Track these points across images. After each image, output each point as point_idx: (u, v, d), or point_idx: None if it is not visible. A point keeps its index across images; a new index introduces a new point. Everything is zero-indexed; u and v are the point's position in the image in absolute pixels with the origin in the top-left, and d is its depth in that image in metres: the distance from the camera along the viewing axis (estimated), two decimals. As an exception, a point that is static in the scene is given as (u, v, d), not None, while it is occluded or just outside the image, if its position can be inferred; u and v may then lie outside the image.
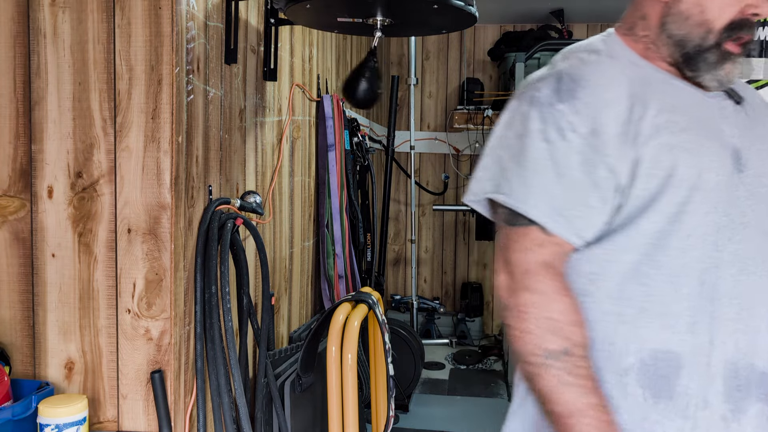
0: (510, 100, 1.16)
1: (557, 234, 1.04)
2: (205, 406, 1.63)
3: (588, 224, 1.05)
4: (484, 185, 1.13)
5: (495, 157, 1.13)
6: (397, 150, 4.84)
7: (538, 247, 1.05)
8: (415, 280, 4.77)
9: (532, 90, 1.10)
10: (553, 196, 1.04)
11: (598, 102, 1.04)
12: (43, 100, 1.51)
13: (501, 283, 1.09)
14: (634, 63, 1.12)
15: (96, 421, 1.55)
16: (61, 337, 1.55)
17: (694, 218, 1.03)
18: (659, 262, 1.03)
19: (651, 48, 1.13)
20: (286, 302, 2.52)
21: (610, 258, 1.05)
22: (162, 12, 1.47)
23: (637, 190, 1.03)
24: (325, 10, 1.81)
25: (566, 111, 1.04)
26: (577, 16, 4.72)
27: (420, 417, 3.47)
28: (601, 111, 1.03)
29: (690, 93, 1.10)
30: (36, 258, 1.54)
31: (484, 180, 1.13)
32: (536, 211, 1.04)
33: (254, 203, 1.90)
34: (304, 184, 2.72)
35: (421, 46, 5.16)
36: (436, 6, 1.69)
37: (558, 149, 1.04)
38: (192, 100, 1.59)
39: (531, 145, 1.06)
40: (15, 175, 1.53)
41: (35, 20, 1.50)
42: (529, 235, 1.05)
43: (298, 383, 2.08)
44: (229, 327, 1.65)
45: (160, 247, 1.51)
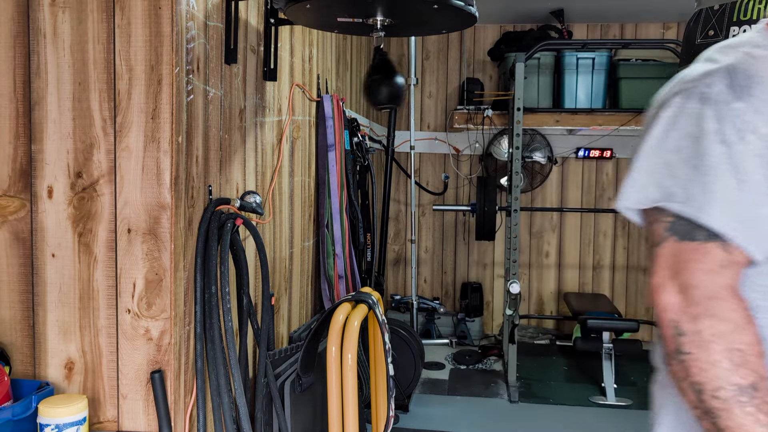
0: (666, 95, 1.04)
1: (741, 247, 0.93)
2: (205, 406, 1.63)
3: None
4: (647, 192, 1.01)
5: (659, 161, 1.00)
6: (397, 150, 4.84)
7: (722, 268, 0.93)
8: (415, 280, 4.77)
9: (701, 86, 0.98)
10: (736, 205, 0.93)
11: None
12: (43, 100, 1.51)
13: (673, 305, 0.96)
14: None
15: (96, 421, 1.55)
16: (61, 337, 1.55)
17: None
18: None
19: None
20: (286, 302, 2.52)
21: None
22: (162, 12, 1.47)
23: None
24: (325, 10, 1.81)
25: (744, 109, 0.94)
26: (577, 16, 4.72)
27: (420, 417, 3.47)
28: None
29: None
30: (36, 258, 1.54)
31: (647, 186, 1.01)
32: (720, 223, 0.93)
33: (254, 203, 1.90)
34: (304, 184, 2.72)
35: (421, 46, 5.16)
36: (436, 6, 1.69)
37: (737, 152, 0.93)
38: (192, 100, 1.59)
39: (709, 148, 0.95)
40: (15, 175, 1.53)
41: (35, 20, 1.50)
42: (711, 253, 0.94)
43: (298, 383, 2.08)
44: (229, 327, 1.65)
45: (160, 247, 1.51)
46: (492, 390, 3.98)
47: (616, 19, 4.85)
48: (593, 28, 4.97)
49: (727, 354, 0.90)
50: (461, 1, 1.69)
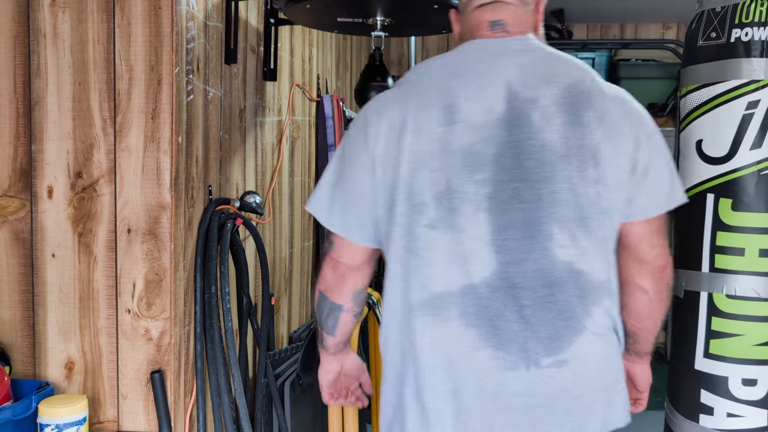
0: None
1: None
2: (205, 406, 1.63)
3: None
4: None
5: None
6: (397, 150, 4.84)
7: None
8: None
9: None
10: None
11: None
12: (43, 100, 1.51)
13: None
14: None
15: (96, 421, 1.55)
16: (61, 337, 1.55)
17: None
18: None
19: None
20: (286, 302, 2.52)
21: None
22: (162, 12, 1.47)
23: None
24: (325, 10, 1.81)
25: None
26: (577, 16, 4.72)
27: (420, 417, 3.47)
28: None
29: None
30: (36, 258, 1.54)
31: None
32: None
33: (254, 203, 1.90)
34: (304, 184, 2.72)
35: (421, 46, 5.16)
36: (436, 6, 1.69)
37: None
38: (192, 100, 1.59)
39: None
40: (15, 175, 1.53)
41: (35, 20, 1.50)
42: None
43: (298, 383, 2.08)
44: (229, 327, 1.65)
45: (160, 247, 1.51)
46: (492, 390, 3.97)
47: (616, 19, 4.84)
48: (593, 28, 4.97)
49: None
50: (461, 1, 1.69)
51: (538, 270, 1.15)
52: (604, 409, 1.20)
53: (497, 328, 1.14)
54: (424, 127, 1.17)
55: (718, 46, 1.65)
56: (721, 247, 1.65)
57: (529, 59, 1.21)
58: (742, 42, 1.60)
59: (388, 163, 1.19)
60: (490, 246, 1.15)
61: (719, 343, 1.66)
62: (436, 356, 1.17)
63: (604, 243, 1.19)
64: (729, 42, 1.62)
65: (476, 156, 1.15)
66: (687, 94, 1.77)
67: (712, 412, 1.68)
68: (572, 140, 1.15)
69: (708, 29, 1.67)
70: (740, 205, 1.62)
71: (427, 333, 1.18)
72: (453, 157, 1.16)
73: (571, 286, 1.16)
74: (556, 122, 1.16)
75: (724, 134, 1.65)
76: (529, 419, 1.16)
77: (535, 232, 1.15)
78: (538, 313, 1.15)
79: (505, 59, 1.20)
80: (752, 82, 1.61)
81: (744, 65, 1.61)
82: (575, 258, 1.16)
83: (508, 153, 1.15)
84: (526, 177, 1.15)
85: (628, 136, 1.18)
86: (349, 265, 1.31)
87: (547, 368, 1.14)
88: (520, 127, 1.15)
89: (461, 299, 1.16)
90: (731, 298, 1.64)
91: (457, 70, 1.21)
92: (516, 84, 1.17)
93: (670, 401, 1.83)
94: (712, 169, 1.67)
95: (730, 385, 1.65)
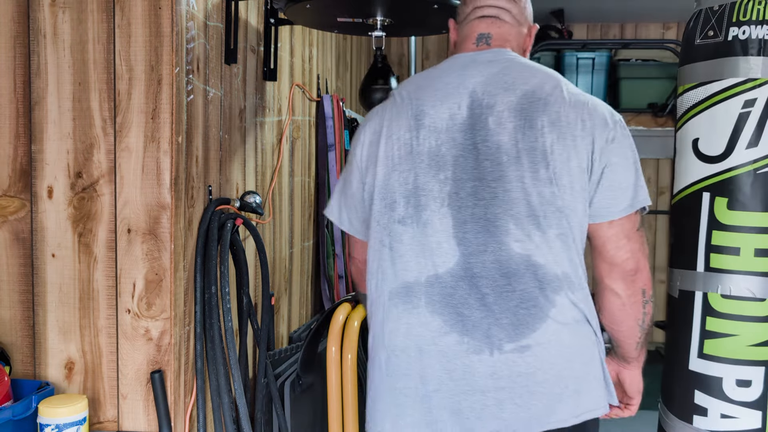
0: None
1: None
2: (205, 406, 1.63)
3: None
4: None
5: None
6: (397, 150, 4.84)
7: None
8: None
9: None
10: None
11: None
12: (43, 100, 1.51)
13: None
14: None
15: (96, 421, 1.55)
16: (61, 337, 1.55)
17: None
18: None
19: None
20: (286, 302, 2.52)
21: None
22: (162, 12, 1.47)
23: None
24: (325, 10, 1.81)
25: None
26: (577, 16, 4.72)
27: (420, 417, 3.47)
28: None
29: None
30: (36, 258, 1.54)
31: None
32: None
33: (254, 203, 1.90)
34: (304, 184, 2.72)
35: (421, 46, 5.15)
36: (436, 6, 1.69)
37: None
38: (192, 100, 1.59)
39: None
40: (15, 175, 1.53)
41: (35, 20, 1.50)
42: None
43: (298, 383, 2.08)
44: (229, 327, 1.65)
45: (160, 247, 1.51)
46: (492, 390, 3.97)
47: (616, 19, 4.84)
48: (593, 28, 4.97)
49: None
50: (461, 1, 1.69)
51: (496, 261, 1.24)
52: (574, 397, 1.25)
53: (461, 315, 1.23)
54: (395, 134, 1.31)
55: (716, 45, 1.64)
56: (717, 247, 1.64)
57: (497, 69, 1.31)
58: (740, 40, 1.60)
59: (370, 167, 1.34)
60: (452, 239, 1.25)
61: (714, 343, 1.65)
62: (408, 341, 1.27)
63: (563, 239, 1.25)
64: (726, 40, 1.62)
65: (440, 157, 1.27)
66: (684, 92, 1.77)
67: (706, 413, 1.67)
68: (522, 143, 1.24)
69: (705, 28, 1.67)
70: (736, 204, 1.61)
71: (402, 319, 1.28)
72: (419, 159, 1.28)
73: (530, 277, 1.23)
74: (508, 126, 1.25)
75: (720, 133, 1.64)
76: (496, 401, 1.22)
77: (492, 227, 1.24)
78: (500, 301, 1.23)
79: (474, 70, 1.32)
80: (749, 81, 1.60)
81: (741, 63, 1.60)
82: (532, 251, 1.24)
83: (468, 154, 1.26)
84: (482, 176, 1.25)
85: (584, 140, 1.24)
86: (361, 259, 1.47)
87: (510, 353, 1.22)
88: (478, 131, 1.26)
89: (428, 288, 1.26)
90: (726, 297, 1.63)
91: (429, 83, 1.34)
92: (479, 92, 1.28)
93: (664, 402, 1.82)
94: (708, 168, 1.67)
95: (724, 386, 1.64)
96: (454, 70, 1.33)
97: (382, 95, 2.14)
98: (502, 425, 1.22)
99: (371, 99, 2.15)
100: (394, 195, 1.29)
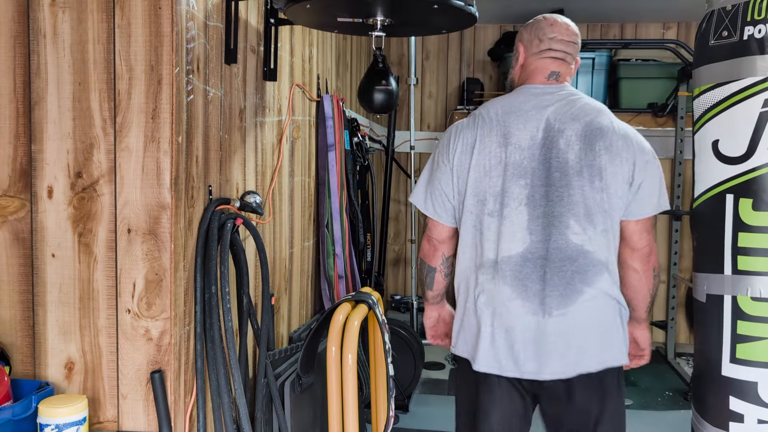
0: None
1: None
2: (205, 406, 1.63)
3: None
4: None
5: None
6: (397, 150, 4.84)
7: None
8: (415, 280, 4.77)
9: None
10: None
11: None
12: (43, 100, 1.51)
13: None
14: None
15: (96, 421, 1.55)
16: (61, 337, 1.55)
17: None
18: None
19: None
20: (286, 302, 2.52)
21: None
22: (162, 12, 1.47)
23: None
24: (325, 10, 1.81)
25: None
26: (577, 16, 4.72)
27: (420, 417, 3.47)
28: None
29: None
30: (36, 258, 1.54)
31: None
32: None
33: (254, 203, 1.90)
34: (304, 184, 2.72)
35: (421, 46, 5.16)
36: (436, 6, 1.69)
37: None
38: (192, 100, 1.59)
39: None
40: (15, 175, 1.53)
41: (35, 20, 1.50)
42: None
43: (298, 383, 2.08)
44: (229, 327, 1.65)
45: (160, 247, 1.51)
46: (492, 390, 3.97)
47: (616, 19, 4.84)
48: (593, 28, 4.97)
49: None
50: (461, 1, 1.69)
51: (557, 248, 1.66)
52: (600, 351, 1.70)
53: (525, 286, 1.67)
54: (487, 148, 1.71)
55: (731, 45, 1.62)
56: (744, 248, 1.60)
57: (565, 102, 1.73)
58: (756, 39, 1.58)
59: (462, 170, 1.74)
60: (525, 230, 1.67)
61: (746, 347, 1.61)
62: (488, 302, 1.72)
63: (605, 234, 1.68)
64: (742, 40, 1.60)
65: (522, 168, 1.68)
66: (700, 94, 1.74)
67: (742, 419, 1.62)
68: (584, 160, 1.66)
69: (719, 28, 1.65)
70: (761, 205, 1.58)
71: (486, 286, 1.72)
72: (507, 169, 1.69)
73: (581, 261, 1.66)
74: (574, 147, 1.67)
75: (741, 133, 1.61)
76: (544, 351, 1.68)
77: (557, 222, 1.66)
78: (554, 278, 1.66)
79: (546, 101, 1.73)
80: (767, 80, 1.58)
81: (758, 62, 1.57)
82: (585, 242, 1.66)
83: (542, 167, 1.67)
84: (552, 183, 1.66)
85: (627, 161, 1.67)
86: (438, 239, 1.85)
87: (555, 317, 1.66)
88: (551, 149, 1.67)
89: (503, 265, 1.68)
90: (756, 300, 1.59)
91: (512, 109, 1.74)
92: (552, 119, 1.70)
93: (697, 410, 1.76)
94: (730, 169, 1.64)
95: (759, 391, 1.60)
96: (530, 100, 1.74)
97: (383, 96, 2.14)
98: (547, 369, 1.68)
99: (371, 99, 2.15)
100: (485, 194, 1.70)
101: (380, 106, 2.16)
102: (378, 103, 2.14)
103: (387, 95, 2.14)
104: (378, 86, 2.12)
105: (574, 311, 1.65)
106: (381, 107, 2.16)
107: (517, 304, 1.68)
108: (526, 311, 1.67)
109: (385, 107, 2.16)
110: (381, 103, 2.15)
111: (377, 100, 2.14)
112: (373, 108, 2.17)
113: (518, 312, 1.68)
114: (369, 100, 2.15)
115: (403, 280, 5.27)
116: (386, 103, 2.15)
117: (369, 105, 2.17)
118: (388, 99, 2.15)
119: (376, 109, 2.17)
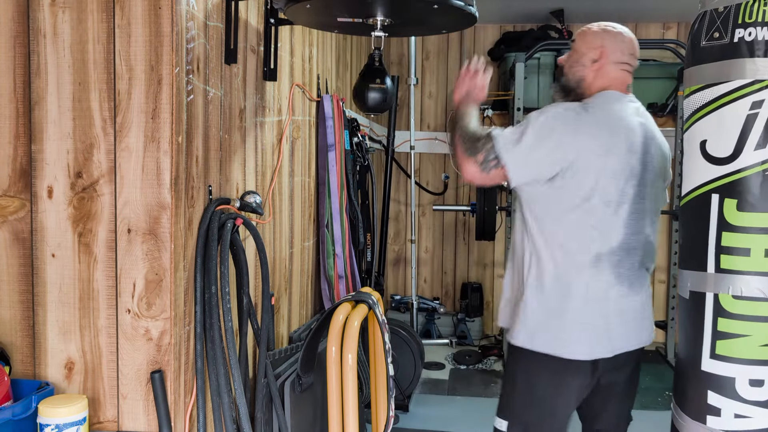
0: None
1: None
2: (205, 406, 1.63)
3: None
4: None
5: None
6: (397, 150, 4.84)
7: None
8: (415, 280, 4.78)
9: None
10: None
11: None
12: (43, 100, 1.51)
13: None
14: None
15: (96, 421, 1.55)
16: (61, 337, 1.55)
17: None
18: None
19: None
20: (286, 302, 2.52)
21: None
22: (162, 12, 1.47)
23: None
24: (325, 10, 1.81)
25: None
26: (577, 16, 4.72)
27: (420, 417, 3.47)
28: None
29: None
30: (36, 258, 1.54)
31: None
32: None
33: (254, 203, 1.90)
34: (304, 184, 2.72)
35: (421, 46, 5.15)
36: (436, 6, 1.69)
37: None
38: (192, 100, 1.59)
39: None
40: (15, 175, 1.53)
41: (35, 20, 1.50)
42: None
43: (298, 383, 2.08)
44: (229, 327, 1.65)
45: (160, 247, 1.51)
46: (492, 390, 3.97)
47: (616, 19, 4.81)
48: (593, 28, 4.96)
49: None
50: (461, 1, 1.69)
51: (639, 240, 1.90)
52: (651, 327, 2.04)
53: (620, 273, 1.89)
54: (614, 152, 1.84)
55: (722, 47, 1.64)
56: (727, 248, 1.64)
57: (640, 111, 1.98)
58: (746, 42, 1.59)
59: (588, 168, 1.83)
60: (624, 225, 1.87)
61: (726, 343, 1.65)
62: (591, 290, 1.88)
63: (656, 226, 2.01)
64: (732, 42, 1.61)
65: (633, 171, 1.86)
66: (690, 94, 1.77)
67: (719, 413, 1.67)
68: (660, 164, 1.94)
69: (711, 29, 1.66)
70: (745, 206, 1.61)
71: (590, 275, 1.89)
72: (625, 172, 1.86)
73: (649, 250, 1.95)
74: (657, 153, 1.93)
75: (728, 134, 1.64)
76: (632, 328, 1.96)
77: (643, 217, 1.90)
78: (637, 265, 1.92)
79: (632, 110, 1.95)
80: (756, 82, 1.60)
81: (748, 65, 1.60)
82: (651, 234, 1.96)
83: (642, 169, 1.88)
84: (646, 184, 1.89)
85: (668, 162, 2.01)
86: (484, 179, 1.91)
87: (637, 297, 1.94)
88: (646, 154, 1.89)
89: (606, 255, 1.87)
90: (737, 298, 1.63)
91: (622, 119, 1.91)
92: (645, 129, 1.92)
93: (677, 402, 1.82)
94: (716, 170, 1.66)
95: (737, 386, 1.64)
96: (627, 107, 1.94)
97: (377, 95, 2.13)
98: (634, 342, 1.97)
99: (365, 98, 2.14)
100: (611, 196, 1.84)
101: (374, 106, 2.14)
102: (372, 102, 2.13)
103: (381, 94, 2.13)
104: (372, 85, 2.11)
105: (643, 293, 1.97)
106: (375, 106, 2.14)
107: (615, 290, 1.90)
108: (621, 295, 1.91)
109: (379, 106, 2.15)
110: (375, 102, 2.13)
111: (371, 99, 2.12)
112: (367, 107, 2.15)
113: (615, 297, 1.90)
114: (363, 99, 2.14)
115: (403, 280, 5.27)
116: (380, 103, 2.13)
117: (363, 104, 2.15)
118: (382, 98, 2.13)
119: (370, 108, 2.15)
